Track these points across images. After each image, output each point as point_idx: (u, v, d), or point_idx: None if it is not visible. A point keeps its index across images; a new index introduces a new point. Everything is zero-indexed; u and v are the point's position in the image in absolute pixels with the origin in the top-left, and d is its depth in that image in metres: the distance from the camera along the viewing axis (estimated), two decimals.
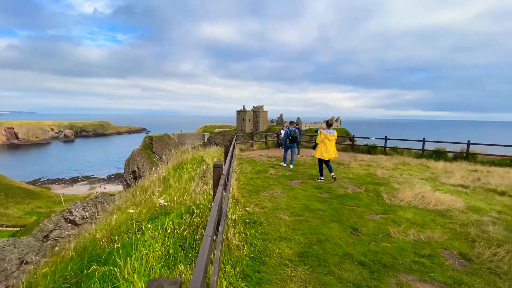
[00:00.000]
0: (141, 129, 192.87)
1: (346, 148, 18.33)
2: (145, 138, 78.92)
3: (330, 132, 7.89)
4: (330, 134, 7.84)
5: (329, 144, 7.82)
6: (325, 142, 7.84)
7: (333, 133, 7.89)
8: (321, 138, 7.87)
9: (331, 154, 7.84)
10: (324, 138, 7.83)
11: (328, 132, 7.88)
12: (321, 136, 7.88)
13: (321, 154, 7.88)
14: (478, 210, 5.54)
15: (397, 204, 5.77)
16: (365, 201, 6.05)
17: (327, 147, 7.81)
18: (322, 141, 7.89)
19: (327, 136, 7.81)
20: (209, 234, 1.51)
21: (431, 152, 15.07)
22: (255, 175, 8.73)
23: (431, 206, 5.59)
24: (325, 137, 7.82)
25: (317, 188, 7.22)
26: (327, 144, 7.83)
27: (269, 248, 3.68)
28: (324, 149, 7.84)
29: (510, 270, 3.26)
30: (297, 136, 10.38)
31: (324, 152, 7.83)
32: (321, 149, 7.86)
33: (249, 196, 6.22)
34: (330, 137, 7.80)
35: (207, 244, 1.38)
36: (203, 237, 3.34)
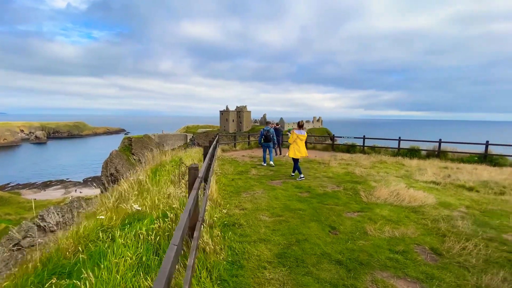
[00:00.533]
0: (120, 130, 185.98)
1: (327, 148, 18.70)
2: (123, 139, 76.17)
3: (301, 132, 8.31)
4: (301, 134, 8.26)
5: (301, 143, 8.25)
6: (297, 141, 8.24)
7: (303, 133, 8.32)
8: (294, 138, 8.27)
9: (303, 153, 8.28)
10: (296, 138, 8.23)
11: (299, 132, 8.29)
12: (293, 136, 8.27)
13: (294, 153, 8.29)
14: (448, 205, 5.82)
15: (374, 201, 5.92)
16: (344, 199, 6.17)
17: (299, 147, 8.23)
18: (294, 141, 8.29)
19: (299, 136, 8.21)
20: (175, 242, 1.43)
21: (406, 151, 15.74)
22: (237, 176, 8.65)
23: (405, 203, 5.79)
24: (297, 137, 8.22)
25: (298, 187, 7.27)
26: (299, 143, 8.24)
27: (248, 250, 3.62)
28: (297, 148, 8.25)
29: (478, 263, 3.42)
30: (271, 135, 10.62)
31: (297, 151, 8.25)
32: (294, 148, 8.28)
33: (229, 198, 6.13)
34: (302, 137, 8.23)
35: (172, 254, 1.29)
36: None
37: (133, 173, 7.92)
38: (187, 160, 8.98)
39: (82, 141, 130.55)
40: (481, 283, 2.96)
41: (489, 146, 14.18)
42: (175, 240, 1.46)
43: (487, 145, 14.25)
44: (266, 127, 11.03)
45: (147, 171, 8.24)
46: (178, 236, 1.50)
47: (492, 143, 14.20)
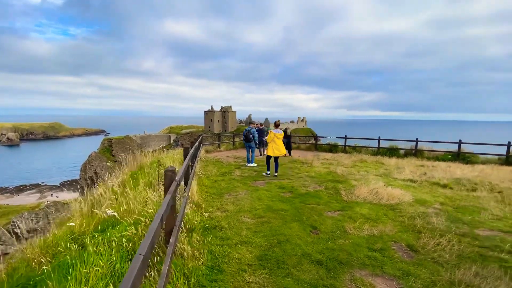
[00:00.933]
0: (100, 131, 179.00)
1: (310, 147, 18.96)
2: (103, 141, 73.35)
3: (278, 131, 8.72)
4: (279, 133, 8.65)
5: (278, 142, 8.62)
6: (275, 140, 8.60)
7: (280, 133, 8.72)
8: (272, 137, 8.63)
9: (281, 151, 8.63)
10: (274, 137, 8.59)
11: (276, 131, 8.69)
12: (271, 135, 8.62)
13: (272, 152, 8.61)
14: (424, 202, 6.04)
15: (354, 200, 6.04)
16: (325, 198, 6.24)
17: (277, 145, 8.58)
18: (272, 140, 8.62)
19: (276, 135, 8.59)
20: (142, 252, 1.34)
21: (386, 150, 16.27)
22: (220, 177, 8.54)
23: (384, 201, 5.95)
24: (275, 135, 8.58)
25: (281, 188, 7.28)
26: (276, 142, 8.59)
27: (229, 254, 3.56)
28: (275, 147, 8.58)
29: (451, 259, 3.55)
30: (251, 136, 10.83)
31: (275, 150, 8.56)
32: (272, 147, 8.61)
33: (211, 200, 6.02)
34: (279, 136, 8.62)
35: (137, 266, 1.21)
36: (157, 249, 3.10)
37: (110, 176, 7.61)
38: (168, 162, 8.75)
39: (59, 142, 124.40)
40: (454, 278, 3.07)
41: (462, 145, 14.95)
42: (142, 249, 1.37)
43: (459, 144, 15.01)
44: (249, 127, 11.23)
45: (126, 174, 7.95)
46: (146, 245, 1.41)
47: (465, 142, 14.98)
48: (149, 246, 1.45)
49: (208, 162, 11.86)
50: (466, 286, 2.92)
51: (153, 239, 1.57)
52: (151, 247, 1.52)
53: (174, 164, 8.64)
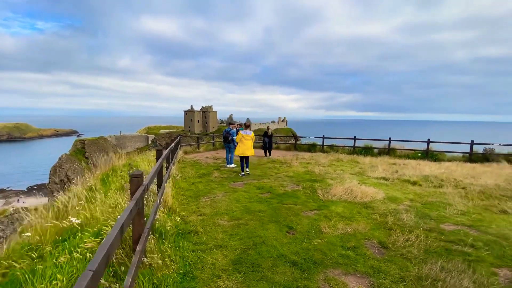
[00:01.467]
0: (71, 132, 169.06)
1: (290, 147, 19.19)
2: (75, 142, 69.41)
3: (247, 132, 9.12)
4: (247, 135, 9.03)
5: (247, 143, 8.95)
6: (243, 141, 8.95)
7: (249, 134, 9.10)
8: (239, 137, 9.04)
9: (249, 152, 8.91)
10: (242, 138, 8.94)
11: (245, 132, 9.08)
12: (239, 136, 9.04)
13: (240, 152, 8.94)
14: (395, 199, 6.29)
15: (330, 199, 6.15)
16: (302, 198, 6.30)
17: (245, 146, 8.91)
18: (240, 140, 8.99)
19: (244, 136, 8.96)
20: (92, 267, 1.21)
21: (361, 149, 16.86)
22: (198, 179, 8.35)
23: (358, 199, 6.12)
24: (242, 136, 8.94)
25: (260, 188, 7.25)
26: (245, 143, 8.93)
27: (202, 259, 3.45)
28: (243, 147, 8.91)
29: (419, 254, 3.70)
30: (230, 136, 10.75)
31: (244, 150, 8.90)
32: (241, 147, 8.96)
33: (187, 204, 5.85)
34: (246, 137, 8.98)
35: (81, 285, 1.08)
36: (124, 258, 2.93)
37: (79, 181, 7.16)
38: (142, 164, 8.41)
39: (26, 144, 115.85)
40: (421, 273, 3.19)
41: (430, 144, 15.86)
42: (92, 264, 1.24)
43: (428, 143, 15.91)
44: (228, 127, 11.16)
45: (96, 177, 7.52)
46: (98, 259, 1.28)
47: (433, 141, 15.90)
48: (102, 260, 1.32)
49: (186, 163, 11.58)
50: (432, 280, 3.05)
51: (109, 251, 1.45)
52: (105, 261, 1.39)
53: (150, 166, 8.32)
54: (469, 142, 15.27)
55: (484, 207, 5.84)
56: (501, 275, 3.24)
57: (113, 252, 1.58)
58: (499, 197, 6.50)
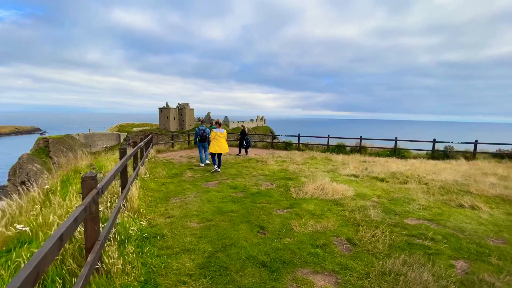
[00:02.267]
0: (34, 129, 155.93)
1: (267, 146, 19.27)
2: (38, 140, 64.16)
3: (220, 130, 9.48)
4: (220, 132, 9.39)
5: (220, 140, 9.29)
6: (216, 138, 9.30)
7: (222, 131, 9.45)
8: (213, 135, 9.38)
9: (222, 149, 9.28)
10: (215, 135, 9.30)
11: (218, 130, 9.44)
12: (213, 134, 9.39)
13: (214, 149, 9.29)
14: (364, 196, 6.51)
15: (302, 197, 6.21)
16: (276, 197, 6.29)
17: (219, 143, 9.27)
18: (214, 138, 9.33)
19: (217, 134, 9.32)
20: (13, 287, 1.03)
21: (334, 147, 17.38)
22: (169, 180, 8.03)
23: (329, 196, 6.24)
24: (216, 134, 9.30)
25: (233, 188, 7.14)
26: (219, 140, 9.28)
27: (167, 264, 3.27)
28: (217, 144, 9.27)
29: (384, 249, 3.81)
30: (206, 135, 10.67)
31: (217, 147, 9.26)
32: (214, 144, 9.29)
33: (155, 206, 5.57)
34: (220, 135, 9.33)
35: None
36: (75, 269, 2.67)
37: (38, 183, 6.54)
38: (108, 164, 7.91)
39: None
40: (385, 268, 3.29)
41: (397, 142, 16.77)
42: (14, 283, 1.05)
43: (396, 141, 16.80)
44: (202, 126, 11.05)
45: (57, 179, 6.93)
46: (20, 278, 1.09)
47: (400, 139, 16.82)
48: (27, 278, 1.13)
49: (157, 163, 11.12)
50: (395, 275, 3.15)
51: (39, 267, 1.25)
52: (33, 278, 1.20)
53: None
54: (432, 141, 16.38)
55: (443, 202, 6.23)
56: (458, 266, 3.44)
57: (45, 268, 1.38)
58: (456, 192, 6.98)
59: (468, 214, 5.38)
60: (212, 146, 9.31)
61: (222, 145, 9.28)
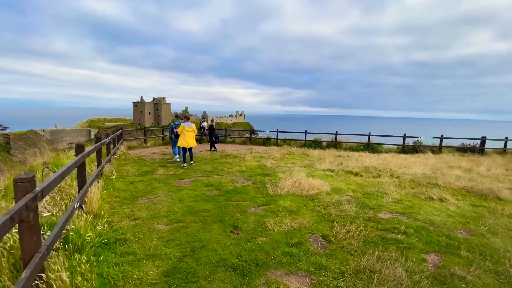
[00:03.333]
0: None
1: (245, 141, 19.03)
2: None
3: (188, 124, 9.39)
4: (188, 126, 9.31)
5: (188, 134, 9.23)
6: (184, 133, 9.21)
7: (191, 126, 9.39)
8: (181, 129, 9.27)
9: (190, 143, 9.25)
10: (183, 130, 9.21)
11: (186, 124, 9.34)
12: (181, 128, 9.28)
13: (182, 143, 9.23)
14: (339, 191, 6.52)
15: (278, 193, 6.07)
16: (251, 194, 6.09)
17: (186, 137, 9.20)
18: (182, 132, 9.23)
19: (185, 128, 9.23)
20: None
21: (311, 142, 17.58)
22: (138, 178, 7.52)
23: (305, 192, 6.16)
24: (184, 128, 9.21)
25: (208, 185, 6.82)
26: (186, 134, 9.21)
27: (127, 274, 2.94)
28: (184, 138, 9.20)
29: (359, 245, 3.75)
30: None
31: (184, 141, 9.20)
32: (182, 139, 9.24)
33: (120, 207, 5.13)
34: (188, 129, 9.26)
35: None
36: None
37: None
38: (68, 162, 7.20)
39: None
40: (360, 265, 3.21)
41: (371, 137, 17.33)
42: None
43: (369, 136, 17.34)
44: (177, 121, 10.67)
45: (9, 179, 6.18)
46: None
47: (373, 134, 17.39)
48: None
49: (128, 160, 10.44)
50: (370, 272, 3.08)
51: None
52: None
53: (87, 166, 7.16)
54: (402, 136, 17.12)
55: (414, 195, 6.41)
56: (430, 260, 3.46)
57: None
58: (426, 185, 7.24)
59: (437, 207, 5.56)
60: (180, 140, 9.31)
61: (190, 139, 9.29)
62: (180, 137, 9.34)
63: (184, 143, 9.24)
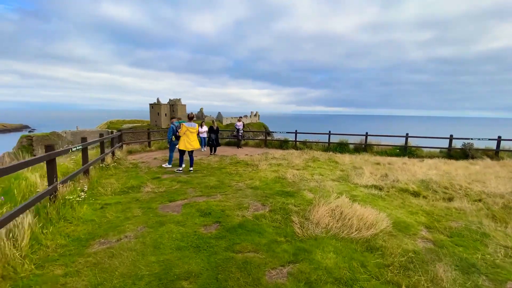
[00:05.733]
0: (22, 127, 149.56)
1: (260, 144, 16.90)
2: (21, 138, 60.54)
3: (191, 125, 8.26)
4: (192, 127, 8.22)
5: (191, 136, 8.21)
6: (187, 134, 8.14)
7: (194, 126, 8.31)
8: (184, 130, 8.15)
9: (194, 145, 8.23)
10: (186, 131, 8.14)
11: (189, 125, 8.22)
12: (183, 128, 8.15)
13: (184, 146, 8.15)
14: (406, 228, 4.21)
15: (312, 234, 3.86)
16: (269, 234, 3.92)
17: (190, 139, 8.16)
18: (184, 133, 8.16)
19: (189, 129, 8.15)
20: None
21: (336, 145, 15.13)
22: (116, 199, 5.57)
23: (354, 230, 3.92)
24: (187, 129, 8.13)
25: (205, 214, 4.72)
26: (189, 136, 8.15)
27: None
28: (187, 140, 8.14)
29: None
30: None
31: (187, 143, 8.13)
32: (184, 140, 8.15)
33: (52, 263, 3.12)
34: (192, 130, 8.21)
35: None
36: None
37: None
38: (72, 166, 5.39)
39: None
40: None
41: (408, 139, 14.62)
42: None
43: (406, 137, 14.64)
44: (176, 122, 9.18)
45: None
46: None
47: (411, 136, 14.68)
48: None
49: (118, 169, 8.63)
50: None
51: None
52: None
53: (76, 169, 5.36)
54: (448, 137, 14.29)
55: None
56: None
57: None
58: None
59: None
60: (182, 142, 8.19)
61: (192, 141, 8.25)
62: (182, 139, 8.19)
63: (188, 145, 8.13)
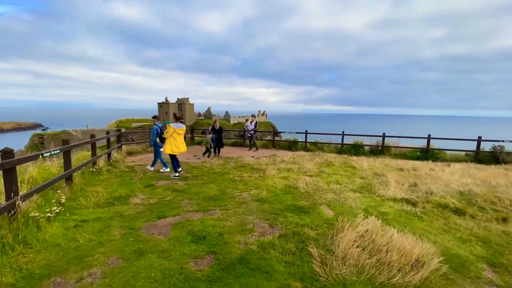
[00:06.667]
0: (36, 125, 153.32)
1: (267, 145, 15.89)
2: (32, 137, 61.52)
3: (179, 126, 7.50)
4: (179, 128, 7.47)
5: (179, 138, 7.49)
6: (175, 136, 7.42)
7: (182, 127, 7.58)
8: (170, 132, 7.37)
9: (181, 148, 7.55)
10: (173, 132, 7.39)
11: (177, 126, 7.43)
12: (170, 130, 7.34)
13: (171, 150, 7.40)
14: (463, 266, 3.14)
15: (339, 277, 2.84)
16: (279, 277, 2.91)
17: (177, 141, 7.44)
18: (171, 135, 7.41)
19: (176, 130, 7.40)
20: None
21: (350, 146, 13.96)
22: (96, 214, 4.69)
23: (395, 272, 2.87)
24: (174, 131, 7.37)
25: (197, 238, 3.74)
26: (176, 138, 7.43)
27: None
28: (174, 143, 7.40)
29: None
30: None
31: (174, 147, 7.40)
32: (171, 144, 7.38)
33: None
34: (179, 131, 7.47)
35: None
36: None
37: None
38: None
39: None
40: None
41: (431, 140, 13.33)
42: None
43: (428, 139, 13.35)
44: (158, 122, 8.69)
45: None
46: None
47: (434, 137, 13.37)
48: None
49: (111, 173, 7.81)
50: None
51: None
52: None
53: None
54: (476, 139, 12.93)
55: None
56: None
57: None
58: None
59: None
60: (168, 146, 7.37)
61: (182, 144, 7.57)
62: (168, 141, 7.37)
63: (175, 149, 7.35)
